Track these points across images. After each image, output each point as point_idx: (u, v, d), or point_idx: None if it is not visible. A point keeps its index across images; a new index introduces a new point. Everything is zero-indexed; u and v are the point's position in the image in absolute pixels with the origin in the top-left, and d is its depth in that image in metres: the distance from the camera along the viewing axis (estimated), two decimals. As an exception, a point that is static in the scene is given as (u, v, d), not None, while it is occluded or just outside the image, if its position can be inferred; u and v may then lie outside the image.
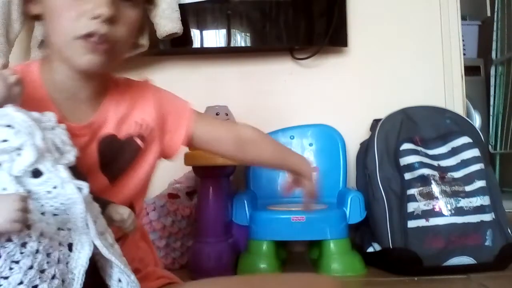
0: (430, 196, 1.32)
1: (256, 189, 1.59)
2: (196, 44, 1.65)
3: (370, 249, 1.41)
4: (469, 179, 1.35)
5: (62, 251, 0.49)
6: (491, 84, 2.54)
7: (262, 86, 1.74)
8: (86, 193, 0.51)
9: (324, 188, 1.58)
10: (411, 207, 1.33)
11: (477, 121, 2.52)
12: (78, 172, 0.57)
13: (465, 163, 1.37)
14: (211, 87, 1.70)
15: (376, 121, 1.53)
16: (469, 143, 1.40)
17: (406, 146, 1.40)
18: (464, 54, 1.93)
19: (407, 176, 1.37)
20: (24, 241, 0.45)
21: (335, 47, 1.71)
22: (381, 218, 1.37)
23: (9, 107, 0.52)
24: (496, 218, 1.32)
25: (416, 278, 1.27)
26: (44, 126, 0.54)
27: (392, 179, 1.38)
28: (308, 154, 1.63)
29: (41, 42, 1.39)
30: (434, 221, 1.30)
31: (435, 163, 1.39)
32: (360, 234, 1.49)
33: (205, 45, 1.66)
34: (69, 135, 0.58)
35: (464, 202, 1.31)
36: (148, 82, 0.81)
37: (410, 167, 1.37)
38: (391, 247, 1.33)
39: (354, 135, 1.64)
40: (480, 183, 1.34)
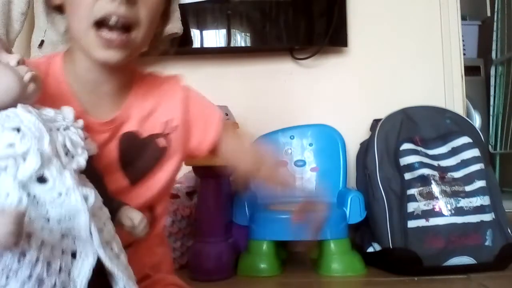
0: (430, 196, 1.32)
1: (256, 189, 1.59)
2: (196, 44, 1.65)
3: (370, 249, 1.41)
4: (469, 179, 1.35)
5: (65, 260, 0.47)
6: (491, 84, 2.54)
7: (262, 86, 1.74)
8: (92, 202, 0.50)
9: (324, 188, 1.59)
10: (411, 207, 1.33)
11: (477, 121, 2.52)
12: (93, 172, 0.56)
13: (465, 163, 1.37)
14: (211, 87, 1.69)
15: (376, 121, 1.53)
16: (469, 143, 1.40)
17: (406, 146, 1.40)
18: (464, 54, 1.93)
19: (407, 176, 1.37)
20: (23, 251, 0.44)
21: (335, 47, 1.71)
22: (381, 218, 1.37)
23: (20, 107, 0.51)
24: (496, 218, 1.32)
25: (416, 278, 1.27)
26: (57, 125, 0.53)
27: (392, 179, 1.38)
28: (308, 154, 1.63)
29: (41, 42, 1.39)
30: (434, 221, 1.30)
31: (435, 163, 1.39)
32: (360, 234, 1.49)
33: (205, 45, 1.66)
34: (85, 133, 0.56)
35: (464, 202, 1.31)
36: (179, 79, 0.77)
37: (410, 167, 1.37)
38: (391, 247, 1.33)
39: (354, 135, 1.64)
40: (480, 183, 1.34)
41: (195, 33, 1.64)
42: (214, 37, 1.66)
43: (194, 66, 1.72)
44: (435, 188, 1.33)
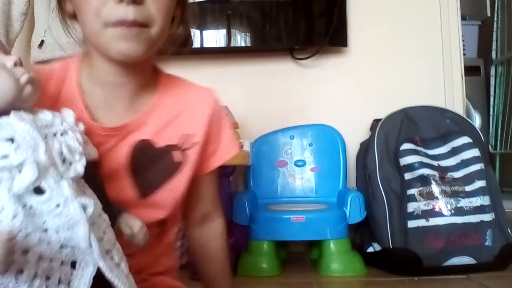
0: (430, 196, 1.32)
1: (256, 189, 1.59)
2: (196, 44, 1.65)
3: (370, 249, 1.41)
4: (469, 179, 1.35)
5: (64, 271, 0.46)
6: (491, 84, 2.54)
7: (262, 86, 1.74)
8: (91, 211, 0.48)
9: (324, 188, 1.59)
10: (411, 207, 1.33)
11: (477, 121, 2.52)
12: (93, 177, 0.55)
13: (465, 163, 1.37)
14: (211, 87, 1.70)
15: (376, 121, 1.53)
16: (469, 143, 1.40)
17: (406, 146, 1.40)
18: (464, 54, 1.93)
19: (407, 176, 1.37)
20: (20, 268, 0.43)
21: (335, 47, 1.71)
22: (381, 218, 1.37)
23: (12, 115, 0.49)
24: (496, 218, 1.32)
25: (416, 278, 1.27)
26: (54, 131, 0.51)
27: (392, 179, 1.38)
28: (308, 154, 1.63)
29: (41, 42, 1.39)
30: (434, 221, 1.30)
31: (435, 163, 1.39)
32: (360, 234, 1.49)
33: (205, 45, 1.66)
34: (85, 137, 0.55)
35: (464, 202, 1.31)
36: (211, 93, 0.72)
37: (410, 167, 1.37)
38: (391, 247, 1.33)
39: (354, 135, 1.64)
40: (480, 183, 1.34)
41: (195, 33, 1.64)
42: (214, 37, 1.66)
43: (194, 66, 1.72)
44: (435, 188, 1.33)
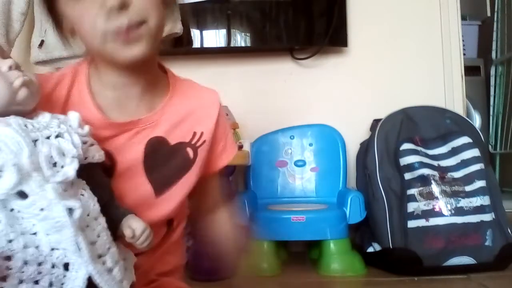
0: (430, 196, 1.32)
1: (256, 189, 1.59)
2: (196, 44, 1.65)
3: (370, 249, 1.41)
4: (469, 179, 1.35)
5: (55, 274, 0.46)
6: (491, 84, 2.54)
7: (262, 86, 1.74)
8: (78, 214, 0.47)
9: (324, 188, 1.59)
10: (411, 207, 1.33)
11: (477, 121, 2.52)
12: (97, 179, 0.55)
13: (465, 163, 1.37)
14: (211, 87, 1.70)
15: (376, 121, 1.53)
16: (469, 143, 1.40)
17: (406, 146, 1.40)
18: (464, 54, 1.93)
19: (407, 176, 1.37)
20: (2, 275, 0.43)
21: (335, 47, 1.71)
22: (381, 218, 1.36)
23: None
24: (496, 218, 1.32)
25: (416, 278, 1.27)
26: (47, 134, 0.51)
27: (392, 179, 1.38)
28: (308, 154, 1.63)
29: (41, 42, 1.39)
30: (434, 221, 1.30)
31: (435, 163, 1.39)
32: (360, 234, 1.49)
33: (205, 45, 1.66)
34: (92, 140, 0.55)
35: (464, 202, 1.31)
36: (217, 95, 0.76)
37: (410, 167, 1.37)
38: (391, 247, 1.33)
39: (354, 135, 1.64)
40: (480, 183, 1.34)
41: (195, 33, 1.64)
42: (214, 37, 1.66)
43: (194, 66, 1.72)
44: (435, 188, 1.33)
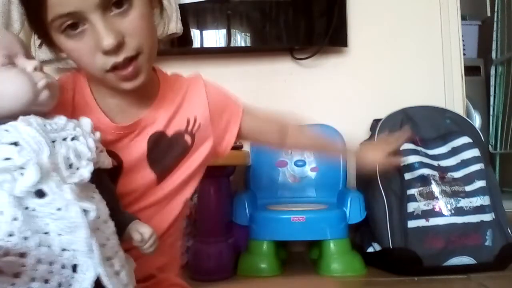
0: (430, 196, 1.32)
1: (256, 189, 1.59)
2: (196, 44, 1.65)
3: (370, 249, 1.41)
4: (469, 179, 1.35)
5: (64, 274, 0.46)
6: (491, 84, 2.54)
7: (262, 86, 1.74)
8: (93, 216, 0.48)
9: (324, 188, 1.59)
10: (411, 207, 1.33)
11: (477, 121, 2.52)
12: (105, 184, 0.56)
13: (465, 163, 1.37)
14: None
15: (376, 121, 1.53)
16: (469, 143, 1.40)
17: (406, 146, 1.40)
18: (464, 54, 1.93)
19: (407, 176, 1.37)
20: (16, 272, 0.43)
21: (335, 47, 1.71)
22: (381, 218, 1.36)
23: (20, 120, 0.50)
24: (496, 218, 1.32)
25: (416, 278, 1.27)
26: (64, 135, 0.52)
27: (392, 179, 1.38)
28: (308, 154, 1.63)
29: (41, 42, 1.39)
30: (434, 221, 1.30)
31: (435, 163, 1.39)
32: (360, 234, 1.49)
33: (205, 45, 1.66)
34: (101, 147, 0.57)
35: (464, 202, 1.31)
36: (199, 77, 0.79)
37: (410, 167, 1.37)
38: (391, 247, 1.33)
39: (354, 135, 1.63)
40: (480, 183, 1.34)
41: (195, 33, 1.64)
42: (214, 37, 1.66)
43: (194, 66, 1.72)
44: (435, 188, 1.33)
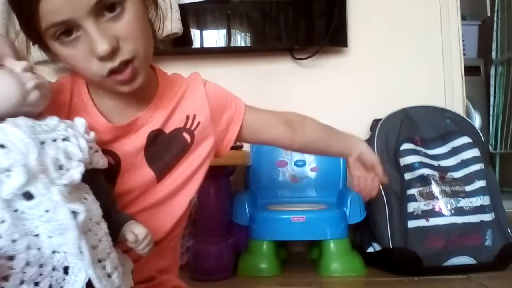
0: (430, 196, 1.32)
1: (256, 189, 1.59)
2: (196, 44, 1.65)
3: (370, 249, 1.41)
4: (469, 179, 1.35)
5: (55, 277, 0.46)
6: (491, 84, 2.54)
7: (262, 86, 1.74)
8: (82, 218, 0.48)
9: (324, 188, 1.59)
10: (411, 207, 1.33)
11: (477, 121, 2.52)
12: (100, 185, 0.56)
13: (465, 163, 1.37)
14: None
15: (376, 121, 1.53)
16: (469, 143, 1.40)
17: (406, 146, 1.40)
18: (464, 54, 1.93)
19: (407, 176, 1.37)
20: (5, 275, 0.43)
21: (335, 47, 1.71)
22: (381, 218, 1.37)
23: (7, 122, 0.49)
24: (496, 218, 1.32)
25: (416, 278, 1.27)
26: (54, 136, 0.51)
27: (392, 179, 1.38)
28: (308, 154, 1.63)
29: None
30: (434, 221, 1.30)
31: (435, 163, 1.39)
32: (360, 234, 1.49)
33: (205, 45, 1.66)
34: (96, 147, 0.57)
35: (464, 202, 1.31)
36: (198, 75, 0.79)
37: (410, 167, 1.37)
38: (391, 247, 1.33)
39: (354, 135, 1.63)
40: (480, 183, 1.34)
41: (195, 33, 1.64)
42: (214, 37, 1.66)
43: (194, 66, 1.71)
44: (435, 188, 1.33)
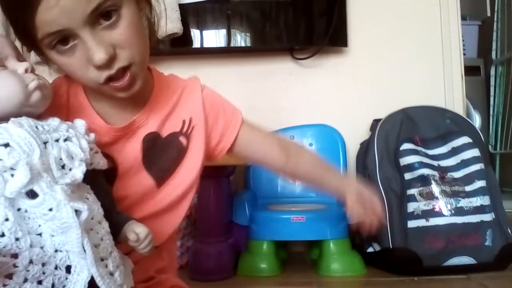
0: (430, 196, 1.32)
1: (256, 189, 1.59)
2: (196, 44, 1.65)
3: (370, 249, 1.41)
4: (469, 179, 1.35)
5: (58, 275, 0.46)
6: (491, 84, 2.54)
7: (262, 86, 1.74)
8: (85, 217, 0.48)
9: (324, 188, 1.59)
10: (411, 207, 1.33)
11: (477, 121, 2.52)
12: (100, 185, 0.56)
13: (465, 163, 1.37)
14: (211, 87, 1.70)
15: (376, 121, 1.53)
16: (469, 143, 1.40)
17: (406, 146, 1.40)
18: (464, 54, 1.93)
19: (407, 176, 1.37)
20: (8, 272, 0.43)
21: (335, 47, 1.71)
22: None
23: (11, 122, 0.50)
24: (496, 218, 1.32)
25: (416, 278, 1.27)
26: (56, 136, 0.52)
27: (392, 179, 1.38)
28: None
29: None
30: (434, 221, 1.30)
31: (435, 163, 1.39)
32: (360, 234, 1.49)
33: (205, 45, 1.66)
34: (96, 148, 0.57)
35: (464, 202, 1.31)
36: (197, 80, 0.78)
37: (410, 167, 1.37)
38: (391, 247, 1.33)
39: (354, 135, 1.64)
40: (480, 183, 1.34)
41: (195, 33, 1.64)
42: (214, 37, 1.66)
43: (194, 66, 1.72)
44: (435, 188, 1.33)
